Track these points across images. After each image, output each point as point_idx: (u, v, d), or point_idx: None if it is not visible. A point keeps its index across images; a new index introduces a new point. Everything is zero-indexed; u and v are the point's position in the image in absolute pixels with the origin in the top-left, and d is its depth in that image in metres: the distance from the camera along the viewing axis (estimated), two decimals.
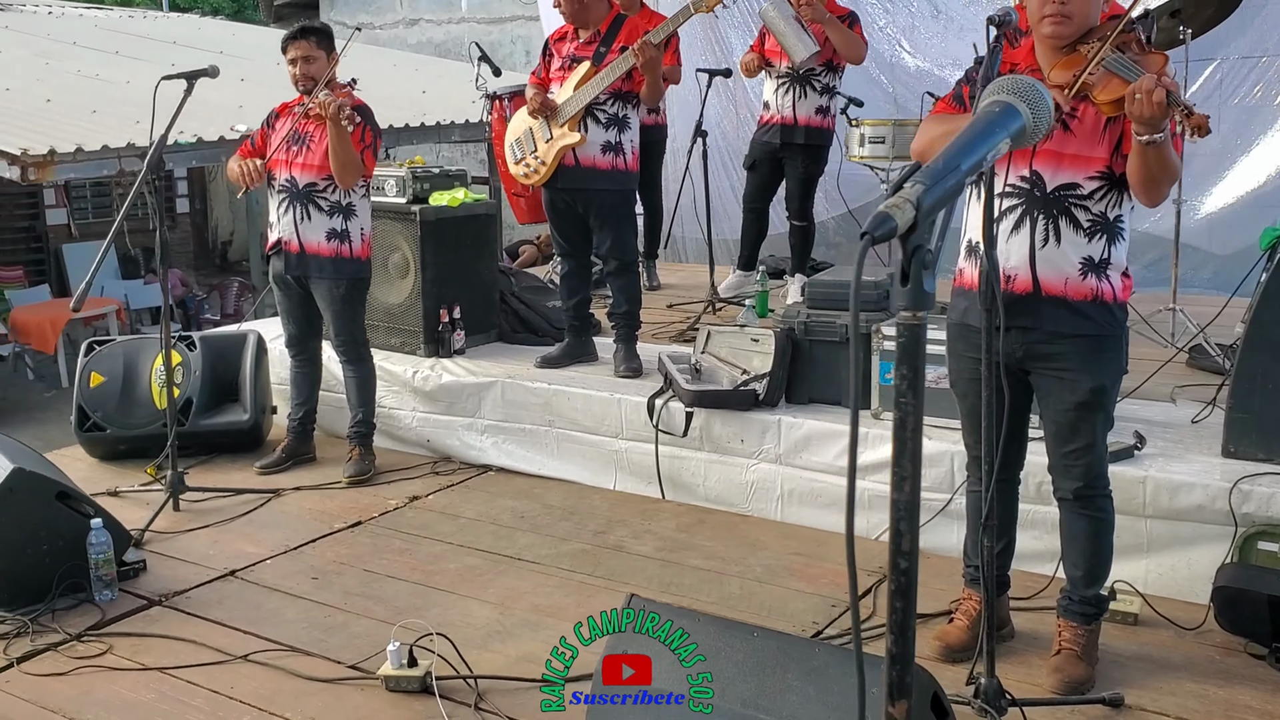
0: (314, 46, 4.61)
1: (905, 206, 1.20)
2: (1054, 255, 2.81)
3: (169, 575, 3.94)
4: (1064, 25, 2.69)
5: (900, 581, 1.23)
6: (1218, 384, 4.24)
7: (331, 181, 4.60)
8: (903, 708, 1.26)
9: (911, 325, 1.24)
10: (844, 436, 4.16)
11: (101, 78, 10.08)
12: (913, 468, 1.27)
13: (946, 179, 1.23)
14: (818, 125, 5.95)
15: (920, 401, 1.27)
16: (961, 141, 1.31)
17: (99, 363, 5.15)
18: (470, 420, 5.03)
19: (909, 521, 1.24)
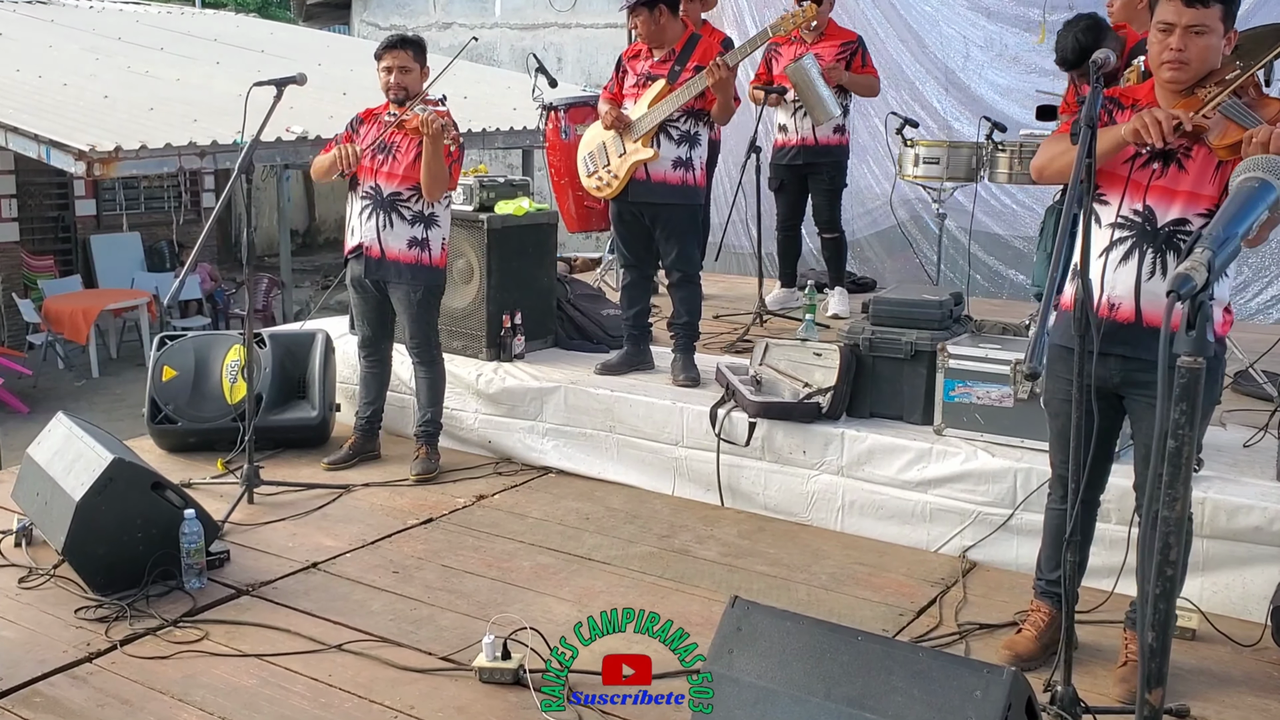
0: (411, 58, 4.74)
1: (1200, 269, 1.36)
2: (1159, 288, 2.88)
3: (252, 566, 4.08)
4: (1181, 70, 2.82)
5: (1165, 586, 1.39)
6: (1265, 410, 4.38)
7: (415, 191, 4.75)
8: (1158, 694, 1.43)
9: (1193, 369, 1.39)
10: (906, 451, 4.30)
11: (152, 74, 10.26)
12: (1184, 491, 1.42)
13: (1227, 245, 1.41)
14: (836, 143, 6.27)
15: (1195, 434, 1.42)
16: (1231, 213, 1.48)
17: (171, 357, 5.29)
18: (532, 423, 5.17)
19: (1177, 535, 1.39)
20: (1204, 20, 2.81)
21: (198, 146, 7.83)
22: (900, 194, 6.97)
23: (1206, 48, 2.83)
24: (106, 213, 14.22)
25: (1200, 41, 2.82)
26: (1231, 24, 2.89)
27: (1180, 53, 2.80)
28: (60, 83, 9.16)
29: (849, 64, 6.17)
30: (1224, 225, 1.44)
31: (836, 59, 6.13)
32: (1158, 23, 2.87)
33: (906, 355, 4.46)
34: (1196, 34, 2.81)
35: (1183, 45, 2.81)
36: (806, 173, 6.32)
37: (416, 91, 4.78)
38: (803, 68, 5.93)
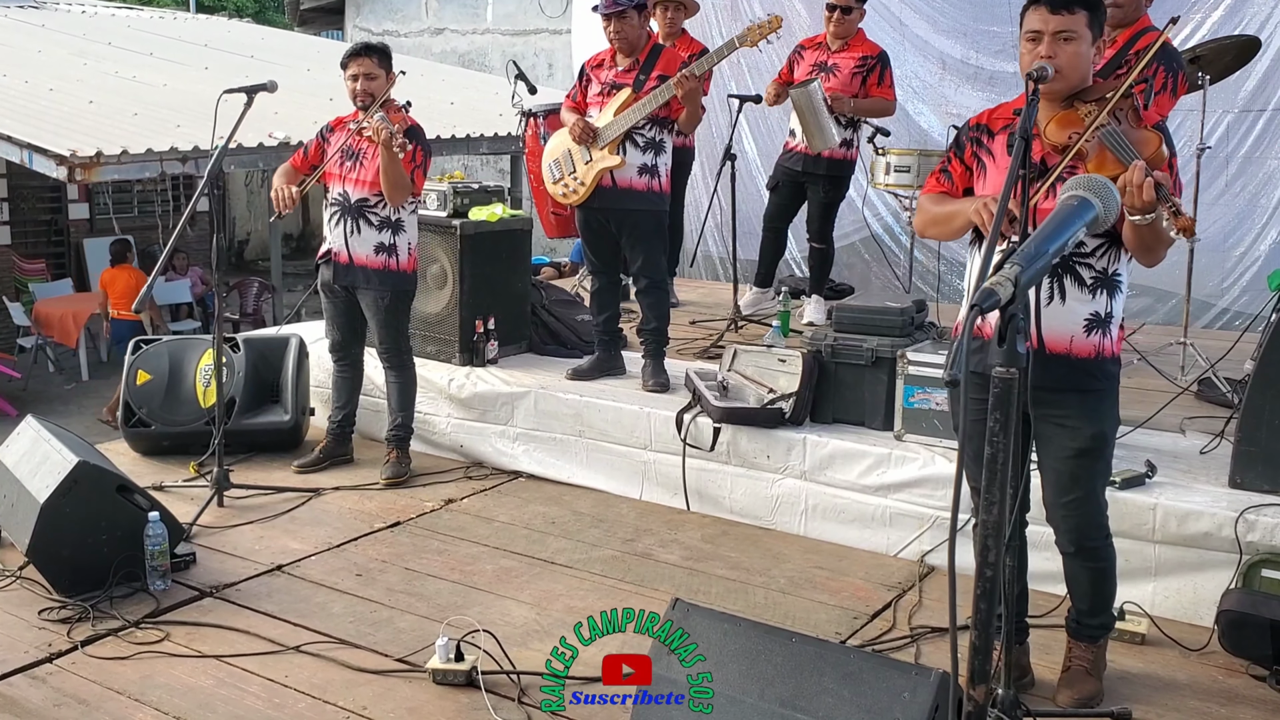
0: (375, 65, 4.79)
1: (1006, 284, 1.41)
2: (1059, 313, 2.91)
3: (218, 568, 4.12)
4: (1053, 81, 2.79)
5: (985, 587, 1.43)
6: (1225, 416, 4.43)
7: (383, 198, 4.79)
8: (982, 691, 1.46)
9: (1006, 379, 1.43)
10: (867, 457, 4.35)
11: (139, 80, 10.32)
12: (1000, 495, 1.46)
13: (1037, 261, 1.45)
14: (841, 157, 6.11)
15: (1009, 442, 1.46)
16: (1049, 230, 1.52)
17: (146, 361, 5.33)
18: (503, 428, 5.22)
19: (995, 539, 1.44)
20: (1071, 26, 2.82)
21: (179, 152, 7.89)
22: (872, 203, 7.01)
23: (1076, 54, 2.83)
24: (99, 216, 14.28)
25: (1069, 48, 2.83)
26: (1099, 32, 2.90)
27: (1051, 59, 2.80)
28: (46, 87, 9.22)
29: (865, 79, 6.01)
30: (1038, 242, 1.48)
31: (853, 73, 5.99)
32: (1026, 32, 2.88)
33: (868, 362, 4.51)
34: (1065, 40, 2.82)
35: (1052, 52, 2.81)
36: (805, 180, 6.25)
37: (383, 97, 4.82)
38: (809, 93, 5.85)
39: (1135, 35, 4.40)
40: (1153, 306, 6.92)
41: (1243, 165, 6.67)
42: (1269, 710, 3.22)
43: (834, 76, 5.97)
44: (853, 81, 5.98)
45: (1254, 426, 3.84)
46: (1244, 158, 6.63)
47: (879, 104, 6.09)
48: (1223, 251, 6.63)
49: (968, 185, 3.08)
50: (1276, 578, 3.53)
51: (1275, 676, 3.33)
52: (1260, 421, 3.82)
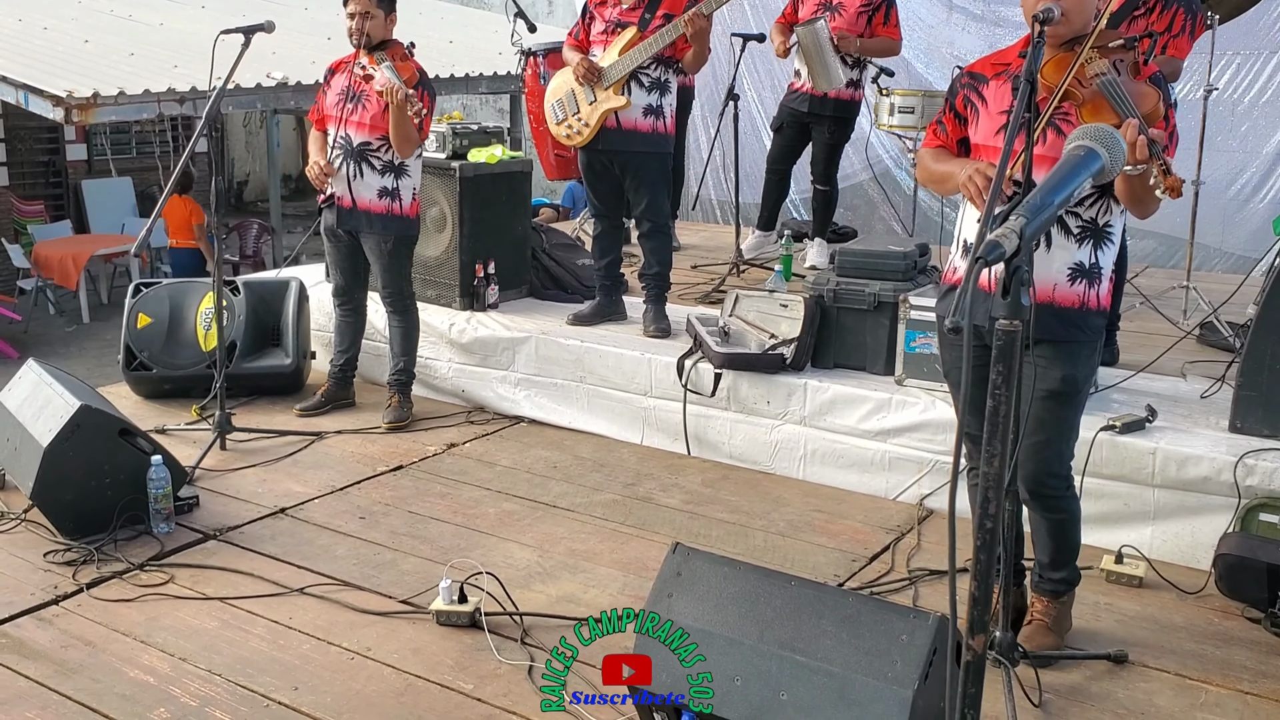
0: (375, 4, 4.72)
1: (1011, 236, 1.39)
2: (1043, 260, 2.87)
3: (221, 511, 4.14)
4: (1058, 24, 2.75)
5: (985, 539, 1.44)
6: (1227, 361, 4.43)
7: (385, 141, 4.75)
8: (980, 640, 1.47)
9: (1009, 331, 1.43)
10: (867, 401, 4.35)
11: (135, 19, 10.20)
12: (1001, 448, 1.46)
13: (1042, 213, 1.42)
14: (847, 98, 6.06)
15: (1011, 394, 1.46)
16: (1054, 180, 1.50)
17: (146, 304, 5.32)
18: (504, 373, 5.22)
19: (995, 490, 1.44)
20: None
21: (177, 93, 7.81)
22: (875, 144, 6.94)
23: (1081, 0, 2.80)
24: (98, 157, 14.18)
25: None
26: None
27: (1057, 1, 2.74)
28: (40, 26, 9.11)
29: (870, 19, 5.93)
30: (1043, 194, 1.46)
31: (859, 12, 5.91)
32: None
33: (870, 306, 4.50)
34: None
35: None
36: (810, 121, 6.20)
37: (381, 38, 4.76)
38: (814, 31, 5.79)
39: None
40: (1157, 250, 6.89)
41: (1249, 108, 6.60)
42: (1264, 652, 3.26)
43: (839, 16, 5.89)
44: (858, 21, 5.90)
45: (1255, 371, 3.84)
46: (1251, 102, 6.56)
47: (885, 43, 6.02)
48: (1228, 197, 6.58)
49: (961, 135, 3.05)
50: (1274, 521, 3.55)
51: (1270, 619, 3.36)
52: (1261, 366, 3.82)
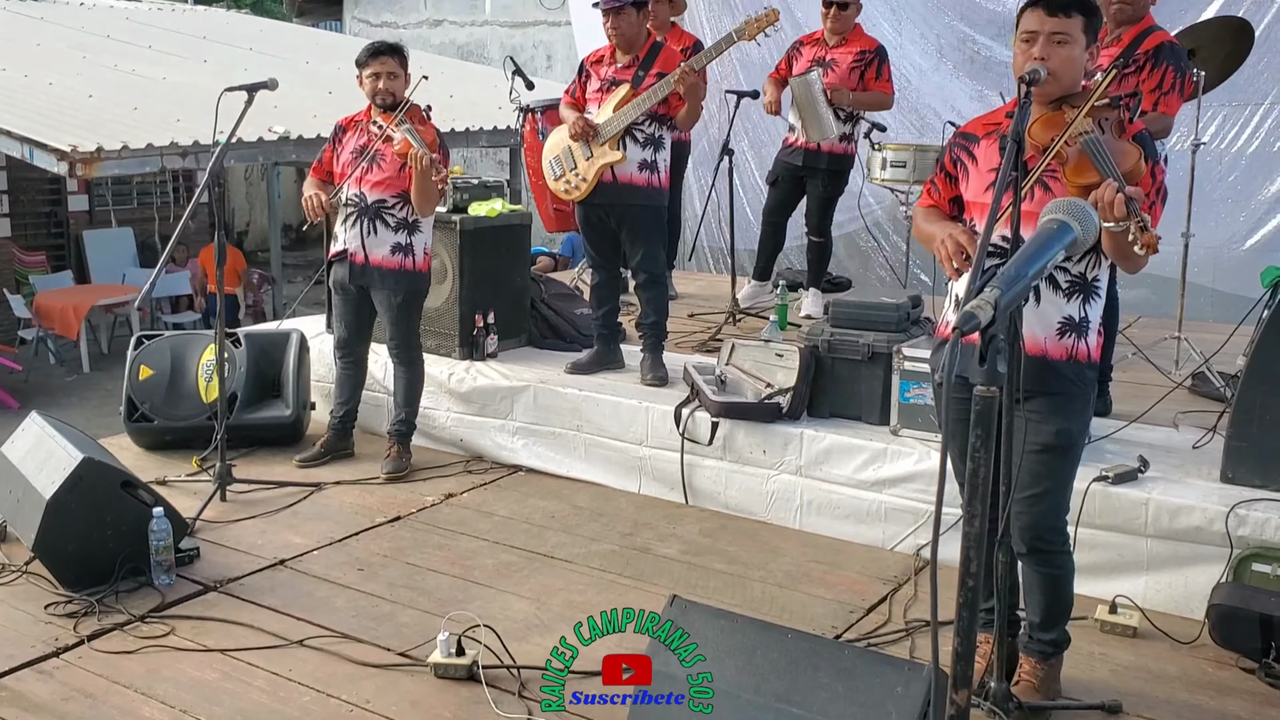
0: (397, 64, 4.82)
1: (986, 307, 1.45)
2: (1034, 315, 2.92)
3: (221, 563, 4.17)
4: (1045, 84, 2.82)
5: (967, 597, 1.48)
6: (1218, 411, 4.47)
7: (400, 199, 4.83)
8: (965, 695, 1.51)
9: (987, 397, 1.48)
10: (863, 451, 4.39)
11: (139, 74, 10.34)
12: (982, 508, 1.51)
13: (1017, 284, 1.49)
14: (840, 151, 6.19)
15: (989, 457, 1.51)
16: (1028, 252, 1.56)
17: (148, 356, 5.37)
18: (502, 422, 5.26)
19: (978, 549, 1.49)
20: (1066, 29, 2.85)
21: (180, 146, 7.92)
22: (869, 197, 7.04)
23: (1069, 58, 2.86)
24: (99, 208, 14.31)
25: (1063, 51, 2.85)
26: (1094, 38, 2.93)
27: (1044, 61, 2.83)
28: (46, 82, 9.25)
29: (863, 74, 6.07)
30: (1017, 265, 1.53)
31: (851, 67, 6.06)
32: (1021, 33, 2.91)
33: (864, 357, 4.55)
34: (1059, 43, 2.85)
35: (1045, 54, 2.84)
36: (805, 175, 6.32)
37: (402, 98, 4.84)
38: (807, 82, 5.92)
39: (1141, 34, 4.42)
40: (1150, 298, 6.96)
41: (1235, 159, 6.70)
42: (1258, 702, 3.27)
43: (832, 71, 6.02)
44: (851, 76, 6.03)
45: (1245, 422, 3.88)
46: (1237, 153, 6.67)
47: (877, 97, 6.14)
48: (1216, 246, 6.66)
49: (953, 194, 3.12)
50: (1266, 572, 3.57)
51: (1264, 669, 3.38)
52: (1251, 417, 3.86)
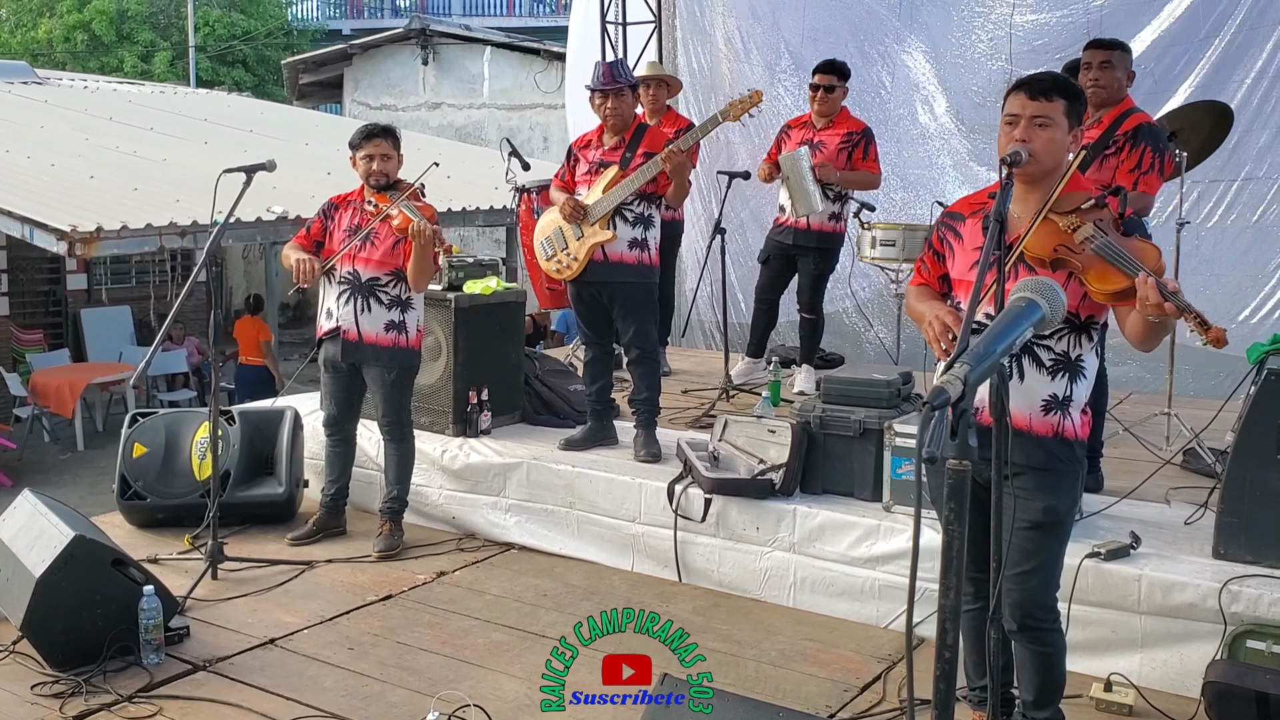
0: (391, 146, 4.91)
1: (956, 383, 1.49)
2: (1018, 391, 2.96)
3: (211, 641, 4.14)
4: (1027, 165, 2.88)
5: (944, 669, 1.48)
6: (1209, 486, 4.48)
7: (394, 277, 4.89)
8: None
9: (959, 471, 1.50)
10: (856, 528, 4.39)
11: (140, 155, 10.49)
12: (957, 580, 1.52)
13: (985, 360, 1.53)
14: (830, 230, 6.30)
15: (964, 530, 1.53)
16: (996, 330, 1.61)
17: (142, 434, 5.38)
18: (495, 499, 5.26)
19: (953, 622, 1.50)
20: (1047, 112, 2.92)
21: (178, 226, 8.01)
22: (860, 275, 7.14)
23: (1050, 140, 2.92)
24: (97, 287, 14.39)
25: (1044, 134, 2.92)
26: (1076, 121, 2.99)
27: (1025, 143, 2.89)
28: (48, 163, 9.38)
29: (850, 154, 6.19)
30: (986, 342, 1.57)
31: (839, 148, 6.18)
32: (1005, 115, 2.98)
33: (856, 433, 4.57)
34: (1041, 126, 2.91)
35: (1027, 136, 2.91)
36: (795, 253, 6.42)
37: (396, 179, 4.93)
38: (796, 158, 6.05)
39: (1121, 115, 4.53)
40: (1141, 375, 7.00)
41: (1216, 235, 6.81)
42: None
43: (820, 152, 6.14)
44: (839, 156, 6.16)
45: (1236, 498, 3.89)
46: (1215, 227, 6.79)
47: (864, 176, 6.26)
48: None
49: (941, 272, 3.18)
50: (1261, 648, 3.56)
51: None
52: (1242, 493, 3.88)
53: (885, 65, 8.10)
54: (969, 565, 3.19)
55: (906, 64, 8.05)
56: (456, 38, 17.06)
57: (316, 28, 28.01)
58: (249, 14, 26.29)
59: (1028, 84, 2.98)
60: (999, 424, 2.67)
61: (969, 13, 7.72)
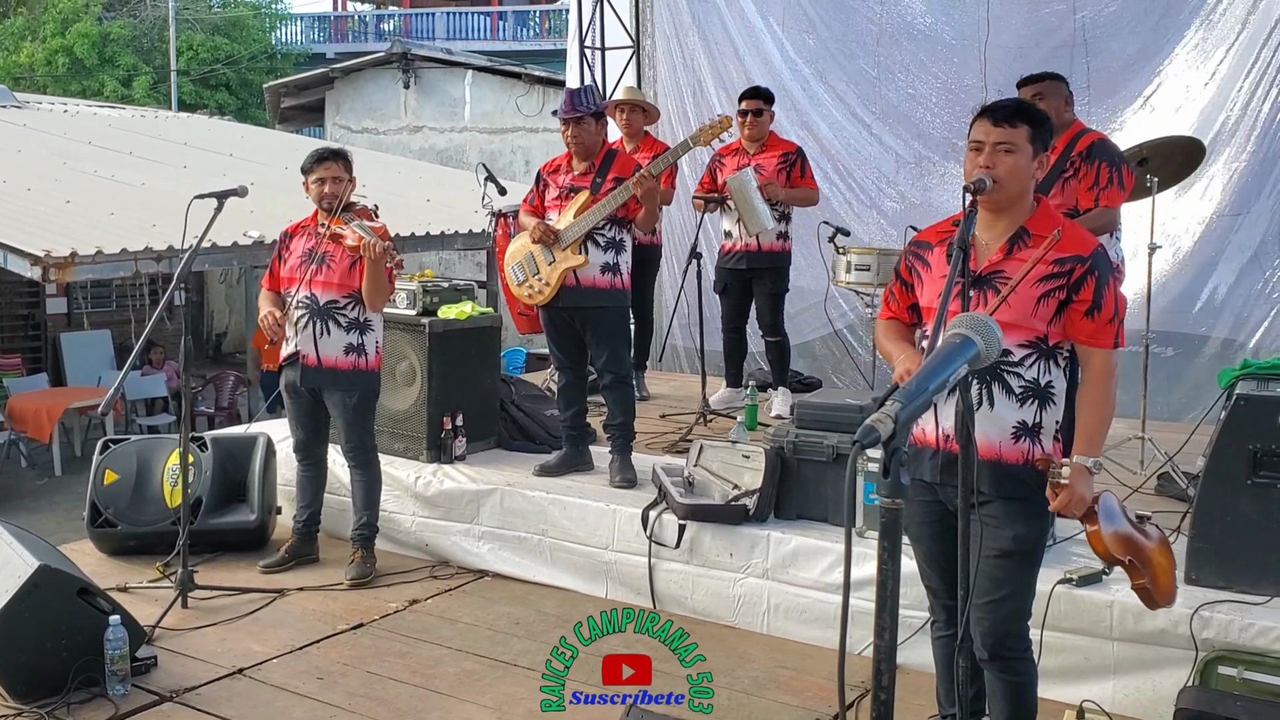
0: (341, 169, 4.91)
1: (887, 421, 1.48)
2: (987, 419, 2.94)
3: (179, 672, 4.09)
4: (991, 193, 2.89)
5: (881, 711, 1.47)
6: (1182, 511, 4.48)
7: (352, 299, 4.87)
8: None
9: (891, 510, 1.49)
10: (830, 553, 4.38)
11: (117, 179, 10.45)
12: (891, 621, 1.51)
13: (918, 399, 1.52)
14: (779, 249, 6.41)
15: (898, 569, 1.51)
16: (929, 368, 1.60)
17: (114, 460, 5.34)
18: (468, 526, 5.23)
19: (889, 662, 1.48)
20: (1012, 139, 2.92)
21: (154, 251, 7.98)
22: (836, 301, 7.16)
23: (1015, 166, 2.92)
24: (77, 311, 14.32)
25: (1009, 160, 2.92)
26: (1042, 148, 2.99)
27: (989, 170, 2.90)
28: (24, 187, 9.34)
29: (789, 173, 6.33)
30: (918, 380, 1.57)
31: (777, 169, 6.31)
32: (970, 142, 2.98)
33: (829, 458, 4.56)
34: (1005, 152, 2.92)
35: (991, 163, 2.91)
36: (750, 277, 6.48)
37: (347, 201, 4.92)
38: (741, 179, 6.14)
39: (1074, 137, 4.60)
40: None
41: (1191, 269, 6.87)
42: None
43: (760, 174, 6.23)
44: (778, 176, 6.32)
45: (1207, 523, 3.89)
46: (1185, 251, 6.84)
47: (805, 193, 6.42)
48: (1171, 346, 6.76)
49: (911, 301, 3.18)
50: (1232, 675, 3.56)
51: None
52: (1213, 518, 3.88)
53: (858, 96, 8.17)
54: (941, 592, 3.18)
55: (886, 95, 8.10)
56: (438, 61, 17.11)
57: (300, 51, 28.10)
58: (232, 38, 26.34)
59: (992, 111, 2.99)
60: (964, 452, 2.68)
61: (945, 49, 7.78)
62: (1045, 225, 2.97)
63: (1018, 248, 2.95)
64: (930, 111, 7.84)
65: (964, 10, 7.58)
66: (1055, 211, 3.13)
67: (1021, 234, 2.97)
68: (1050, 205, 3.13)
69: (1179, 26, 6.93)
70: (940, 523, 3.08)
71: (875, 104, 8.10)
